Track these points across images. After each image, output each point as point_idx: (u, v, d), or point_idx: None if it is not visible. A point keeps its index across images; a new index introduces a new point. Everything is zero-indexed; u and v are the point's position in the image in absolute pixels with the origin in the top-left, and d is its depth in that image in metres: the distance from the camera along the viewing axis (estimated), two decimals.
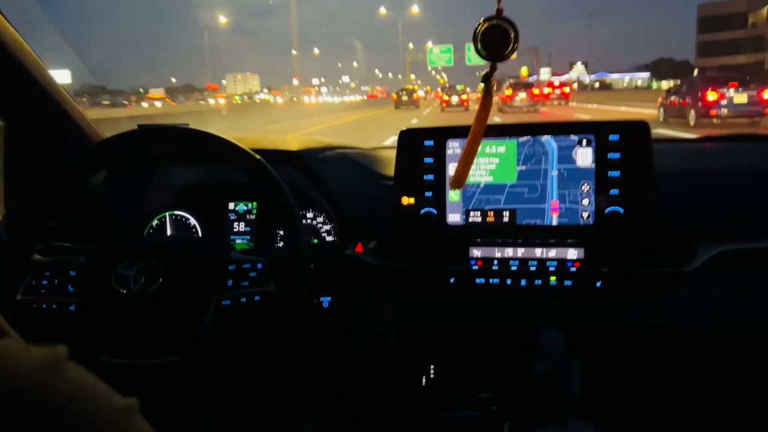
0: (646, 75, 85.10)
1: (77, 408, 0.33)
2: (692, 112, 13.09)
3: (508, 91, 24.17)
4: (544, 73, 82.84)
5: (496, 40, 0.80)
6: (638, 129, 1.15)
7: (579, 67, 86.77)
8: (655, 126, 13.00)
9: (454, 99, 25.87)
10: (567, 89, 32.43)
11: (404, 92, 30.06)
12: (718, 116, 12.56)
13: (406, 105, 28.84)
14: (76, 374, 0.34)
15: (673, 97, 14.35)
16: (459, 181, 0.87)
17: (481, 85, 0.86)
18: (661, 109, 14.98)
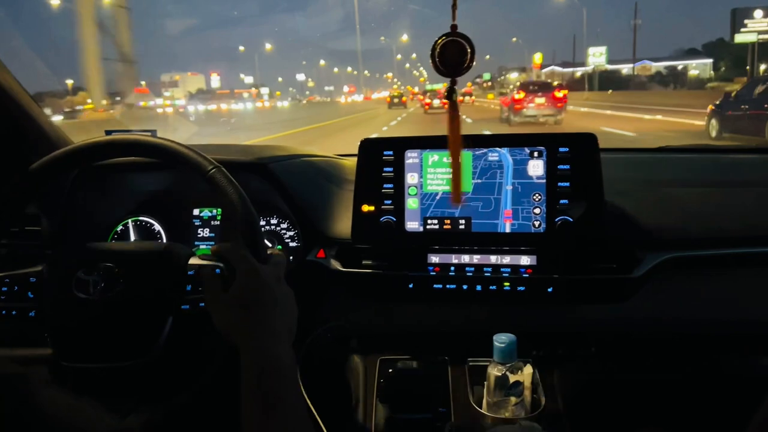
0: (705, 61, 55.96)
1: None
2: None
3: (520, 94, 16.92)
4: (596, 55, 51.58)
5: (453, 55, 0.83)
6: (587, 141, 1.21)
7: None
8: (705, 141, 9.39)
9: (436, 102, 28.83)
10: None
11: (395, 96, 40.90)
12: None
13: (396, 105, 38.71)
14: None
15: (735, 105, 10.11)
16: (456, 197, 0.88)
17: (470, 83, 0.88)
18: (713, 121, 10.58)
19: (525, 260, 1.23)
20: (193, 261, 1.00)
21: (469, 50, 0.84)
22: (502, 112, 18.40)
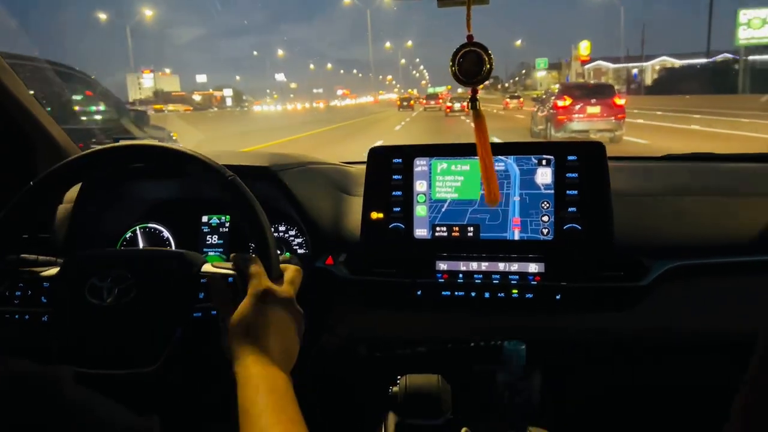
0: None
1: None
2: None
3: (565, 101, 12.23)
4: (753, 25, 27.59)
5: (471, 64, 0.84)
6: (595, 150, 1.22)
7: None
8: None
9: (457, 106, 30.04)
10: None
11: (404, 99, 46.18)
12: None
13: (405, 108, 42.94)
14: None
15: None
16: (492, 198, 0.89)
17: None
18: None
19: (533, 267, 1.23)
20: (206, 268, 1.01)
21: (486, 59, 0.85)
22: (535, 123, 14.13)
